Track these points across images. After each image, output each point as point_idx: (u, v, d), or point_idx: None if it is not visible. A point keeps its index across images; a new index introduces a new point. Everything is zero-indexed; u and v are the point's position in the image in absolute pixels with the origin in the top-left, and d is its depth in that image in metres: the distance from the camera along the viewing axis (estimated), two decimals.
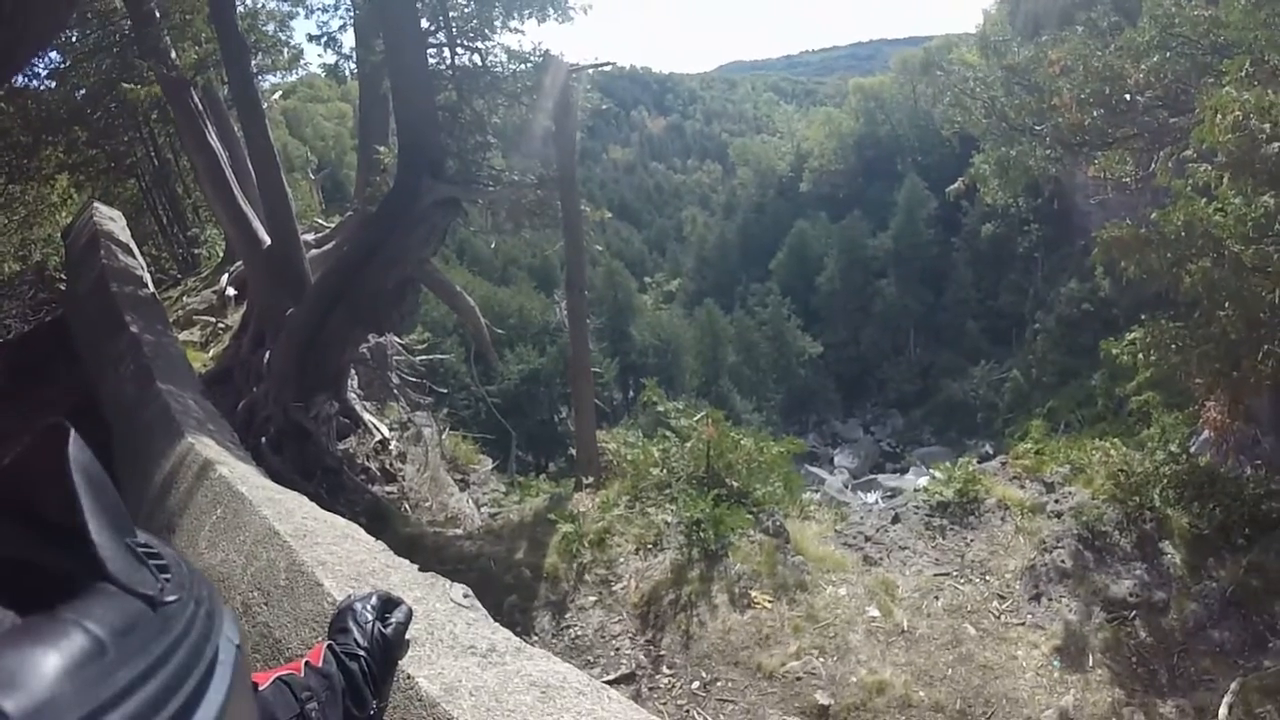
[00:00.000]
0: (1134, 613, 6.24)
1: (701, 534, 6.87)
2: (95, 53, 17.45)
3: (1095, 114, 9.41)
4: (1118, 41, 9.66)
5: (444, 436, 12.48)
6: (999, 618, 6.46)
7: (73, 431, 0.63)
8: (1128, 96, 9.12)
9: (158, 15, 12.57)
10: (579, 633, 6.49)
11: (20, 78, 17.48)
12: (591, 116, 11.79)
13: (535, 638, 6.44)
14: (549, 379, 45.41)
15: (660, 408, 9.08)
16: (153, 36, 12.36)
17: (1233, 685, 5.45)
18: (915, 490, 9.36)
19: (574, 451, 12.20)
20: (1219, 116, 6.17)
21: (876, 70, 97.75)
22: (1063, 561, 6.78)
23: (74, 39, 17.36)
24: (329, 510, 4.44)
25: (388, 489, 10.47)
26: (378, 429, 11.10)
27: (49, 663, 0.52)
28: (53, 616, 0.56)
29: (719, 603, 6.37)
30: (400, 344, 12.05)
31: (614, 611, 6.61)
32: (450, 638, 2.38)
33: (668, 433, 8.83)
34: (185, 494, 4.68)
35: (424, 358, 12.99)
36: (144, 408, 7.04)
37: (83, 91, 18.71)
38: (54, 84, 18.40)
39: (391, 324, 11.44)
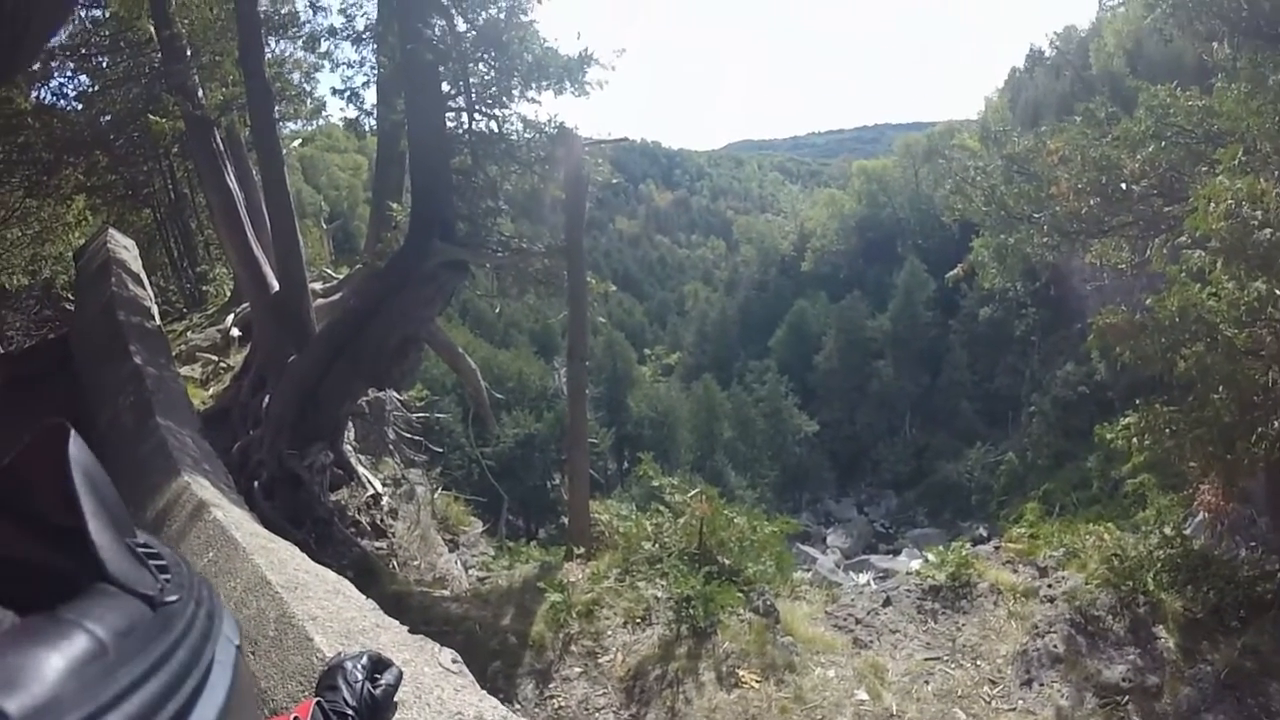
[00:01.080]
0: (1127, 698, 6.15)
1: (691, 610, 6.80)
2: (124, 81, 17.85)
3: (1092, 202, 9.58)
4: (1115, 131, 9.88)
5: (436, 495, 12.40)
6: (990, 703, 6.37)
7: (73, 431, 0.64)
8: (1124, 185, 9.29)
9: (188, 53, 12.81)
10: (562, 703, 6.41)
11: (49, 96, 18.31)
12: (601, 189, 12.00)
13: (518, 706, 6.36)
14: (544, 444, 45.20)
15: (655, 482, 9.05)
16: (181, 73, 12.55)
17: None
18: (907, 573, 9.30)
19: (565, 520, 12.09)
20: (1212, 204, 6.30)
21: (880, 153, 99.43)
22: (1055, 646, 6.70)
23: (104, 64, 17.97)
24: (317, 561, 4.43)
25: (377, 544, 10.37)
26: (371, 483, 11.03)
27: (50, 663, 0.52)
28: (53, 617, 0.56)
29: (706, 680, 6.28)
30: (399, 400, 12.05)
31: (599, 684, 6.52)
32: (438, 703, 2.39)
33: (661, 507, 8.79)
34: (178, 533, 4.70)
35: (421, 415, 12.97)
36: (142, 440, 7.08)
37: (108, 117, 19.01)
38: (80, 106, 18.76)
39: (393, 380, 11.47)
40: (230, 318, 16.05)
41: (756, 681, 6.25)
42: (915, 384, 58.86)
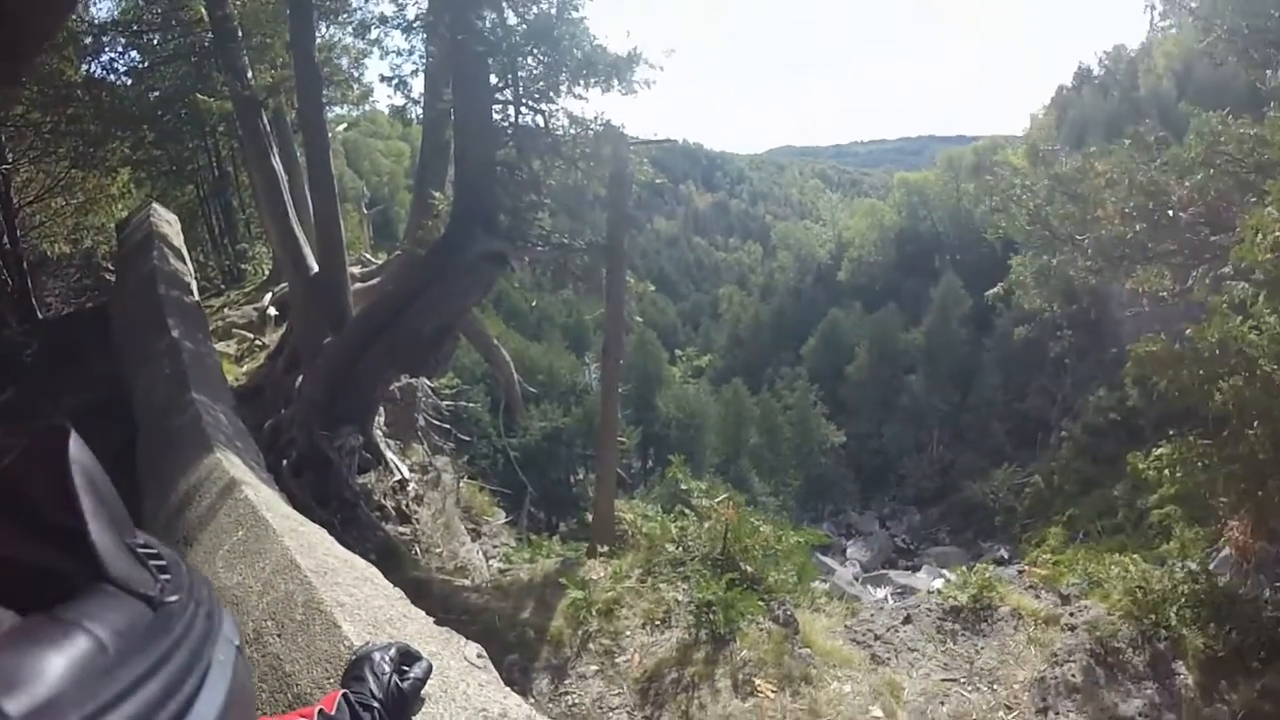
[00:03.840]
0: None
1: (711, 616, 6.75)
2: (174, 58, 18.35)
3: (1138, 228, 9.46)
4: (1163, 157, 9.77)
5: (461, 484, 12.50)
6: None
7: (73, 432, 0.63)
8: (1170, 212, 9.18)
9: (240, 33, 13.01)
10: (576, 700, 6.38)
11: (99, 70, 18.67)
12: (643, 188, 11.97)
13: (533, 700, 6.33)
14: (570, 439, 45.26)
15: (684, 485, 8.98)
16: (232, 53, 12.77)
17: None
18: (929, 592, 9.19)
19: (587, 515, 12.16)
20: (1259, 235, 6.24)
21: (922, 166, 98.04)
22: (1073, 676, 6.59)
23: (155, 41, 18.26)
24: (341, 542, 4.44)
25: (401, 529, 10.48)
26: (398, 468, 11.15)
27: (50, 663, 0.52)
28: (53, 617, 0.57)
29: (722, 687, 6.22)
30: (430, 387, 12.15)
31: (615, 684, 6.48)
32: (463, 698, 2.40)
33: (686, 510, 8.73)
34: (208, 510, 4.72)
35: (450, 403, 13.08)
36: (176, 414, 7.11)
37: (156, 93, 19.45)
38: (130, 81, 19.09)
39: (427, 367, 11.55)
40: (268, 296, 16.31)
41: (772, 691, 6.17)
42: (945, 401, 57.97)
